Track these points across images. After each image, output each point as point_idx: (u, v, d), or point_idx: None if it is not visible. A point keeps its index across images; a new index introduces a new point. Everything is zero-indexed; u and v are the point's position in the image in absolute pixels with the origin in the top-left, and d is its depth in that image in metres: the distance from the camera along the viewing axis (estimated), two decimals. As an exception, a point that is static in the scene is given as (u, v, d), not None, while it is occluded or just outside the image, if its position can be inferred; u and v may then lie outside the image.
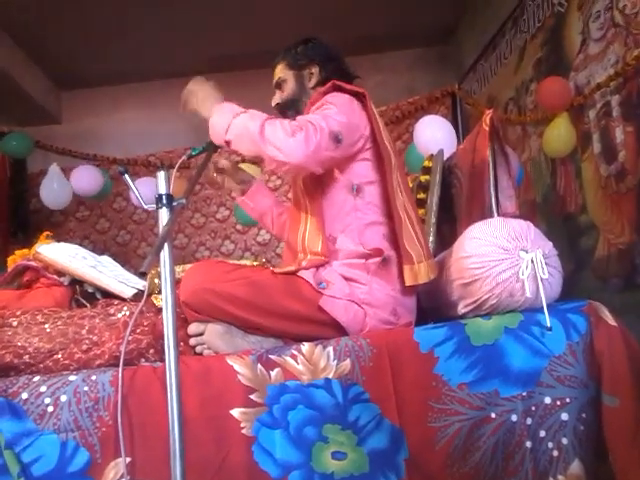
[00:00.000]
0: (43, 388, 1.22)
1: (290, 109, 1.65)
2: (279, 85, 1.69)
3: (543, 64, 2.96)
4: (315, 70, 1.65)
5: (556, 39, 2.82)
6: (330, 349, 1.27)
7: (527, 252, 1.33)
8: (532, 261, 1.32)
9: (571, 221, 2.73)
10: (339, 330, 1.40)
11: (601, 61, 2.44)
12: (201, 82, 1.53)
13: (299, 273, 1.44)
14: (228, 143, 1.42)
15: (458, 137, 3.01)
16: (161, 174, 1.16)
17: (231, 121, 1.40)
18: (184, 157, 1.57)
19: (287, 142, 1.35)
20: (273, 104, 1.70)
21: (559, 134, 2.61)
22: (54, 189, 3.47)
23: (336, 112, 1.43)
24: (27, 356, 1.32)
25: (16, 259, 1.75)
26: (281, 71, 1.69)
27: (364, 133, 1.50)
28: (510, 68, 3.36)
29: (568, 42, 2.71)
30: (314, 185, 1.50)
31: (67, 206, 4.08)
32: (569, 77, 2.67)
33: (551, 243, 1.39)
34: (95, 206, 4.18)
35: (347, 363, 1.26)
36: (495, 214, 1.81)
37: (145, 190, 1.30)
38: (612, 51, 2.36)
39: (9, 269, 1.73)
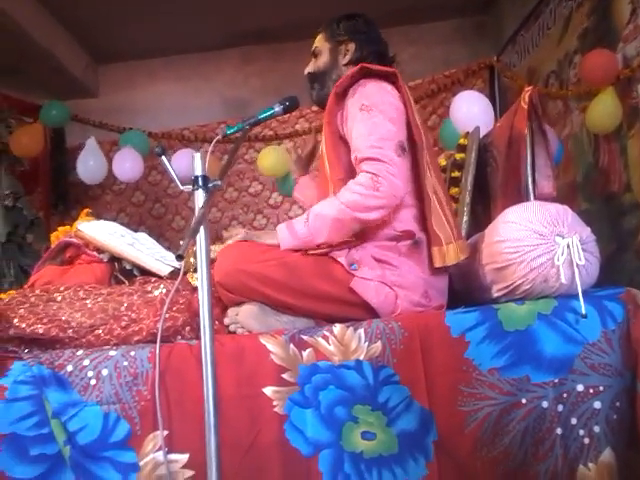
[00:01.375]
0: (86, 362, 1.28)
1: (317, 81, 1.65)
2: (315, 54, 1.69)
3: (589, 35, 2.83)
4: (351, 47, 1.63)
5: (604, 8, 2.68)
6: (361, 331, 1.29)
7: (563, 237, 1.31)
8: (568, 246, 1.30)
9: (614, 200, 2.64)
10: (370, 312, 1.41)
11: (652, 31, 2.32)
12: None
13: (331, 254, 1.45)
14: (323, 244, 1.45)
15: (495, 111, 2.93)
16: (197, 155, 1.18)
17: (307, 230, 1.43)
18: (219, 137, 1.58)
19: (378, 197, 1.38)
20: (305, 72, 1.70)
21: (604, 109, 2.50)
22: (90, 165, 3.53)
23: (382, 120, 1.43)
24: (71, 330, 1.37)
25: (59, 235, 1.81)
26: (319, 41, 1.68)
27: (405, 118, 1.49)
28: (553, 39, 3.22)
29: (617, 11, 2.58)
30: (345, 169, 1.50)
31: (104, 179, 4.18)
32: (617, 48, 2.55)
33: (589, 228, 1.36)
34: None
35: (378, 345, 1.27)
36: (531, 194, 1.77)
37: (180, 164, 1.32)
38: (663, 21, 2.24)
39: (52, 245, 1.80)
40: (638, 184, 2.46)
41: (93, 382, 1.26)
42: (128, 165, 3.53)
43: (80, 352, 1.30)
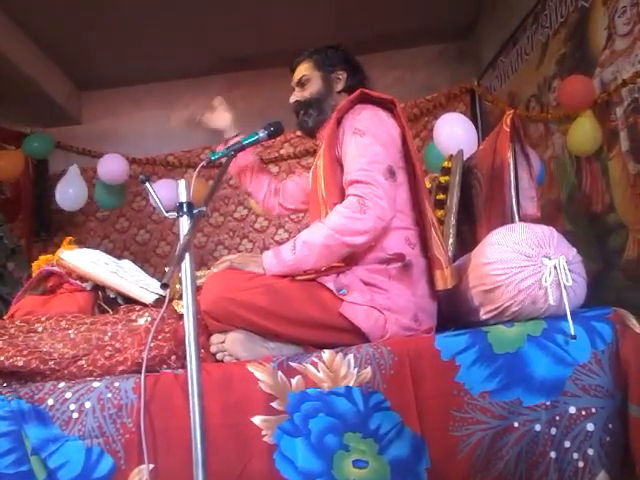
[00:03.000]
0: (68, 394, 1.24)
1: (311, 108, 1.66)
2: (302, 83, 1.69)
3: (567, 60, 2.91)
4: (343, 76, 1.67)
5: (580, 35, 2.76)
6: (351, 357, 1.27)
7: (550, 259, 1.31)
8: (555, 268, 1.30)
9: (598, 220, 2.68)
10: (360, 336, 1.40)
11: (628, 57, 2.38)
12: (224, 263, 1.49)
13: (319, 279, 1.44)
14: (310, 270, 1.45)
15: (478, 135, 2.97)
16: (181, 182, 1.17)
17: (294, 258, 1.41)
18: (203, 163, 1.58)
19: (364, 220, 1.38)
20: (291, 101, 1.70)
21: (584, 132, 2.56)
22: (69, 193, 3.50)
23: (372, 143, 1.44)
24: (52, 362, 1.34)
25: (40, 264, 1.78)
26: (306, 70, 1.68)
27: (399, 146, 1.51)
28: (532, 64, 3.30)
29: (593, 38, 2.65)
30: (341, 193, 1.50)
31: (87, 206, 4.14)
32: (594, 73, 2.62)
33: (575, 249, 1.36)
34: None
35: (368, 371, 1.25)
36: (516, 216, 1.79)
37: (164, 193, 1.31)
38: (639, 47, 2.31)
39: (34, 275, 1.76)
40: (621, 204, 2.51)
41: (75, 415, 1.22)
42: (114, 168, 3.49)
43: (62, 384, 1.26)
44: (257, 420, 1.23)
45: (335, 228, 1.39)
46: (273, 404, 1.24)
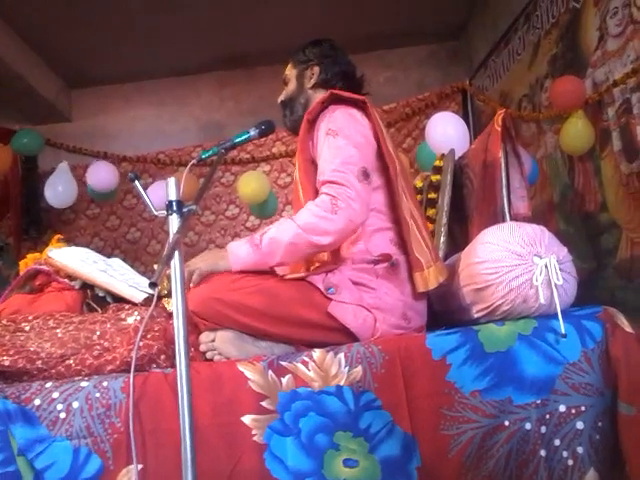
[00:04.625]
0: (55, 394, 1.23)
1: (287, 108, 1.67)
2: (285, 82, 1.72)
3: (559, 60, 2.92)
4: (316, 71, 1.66)
5: (572, 35, 2.77)
6: (341, 355, 1.27)
7: (541, 258, 1.31)
8: (546, 267, 1.30)
9: (591, 219, 2.69)
10: (350, 336, 1.39)
11: (620, 57, 2.39)
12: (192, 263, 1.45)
13: (308, 278, 1.43)
14: (276, 265, 1.43)
15: (469, 134, 2.98)
16: (171, 180, 1.16)
17: (260, 252, 1.39)
18: (194, 160, 1.57)
19: (335, 221, 1.36)
20: (278, 101, 1.72)
21: (576, 131, 2.57)
22: (59, 190, 3.47)
23: (346, 144, 1.43)
24: (40, 361, 1.32)
25: (28, 263, 1.76)
26: (288, 69, 1.72)
27: (374, 146, 1.50)
28: (523, 64, 3.31)
29: (584, 38, 2.66)
30: (312, 194, 1.49)
31: (77, 204, 4.10)
32: (586, 74, 2.63)
33: (565, 248, 1.37)
34: (105, 204, 4.19)
35: (359, 370, 1.25)
36: (507, 215, 1.79)
37: (156, 193, 1.30)
38: (631, 47, 2.31)
39: (21, 273, 1.74)
40: (614, 203, 2.52)
41: (63, 416, 1.21)
42: (102, 176, 3.47)
43: (49, 384, 1.25)
44: (247, 419, 1.22)
45: (304, 227, 1.37)
46: (263, 403, 1.23)
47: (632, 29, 2.31)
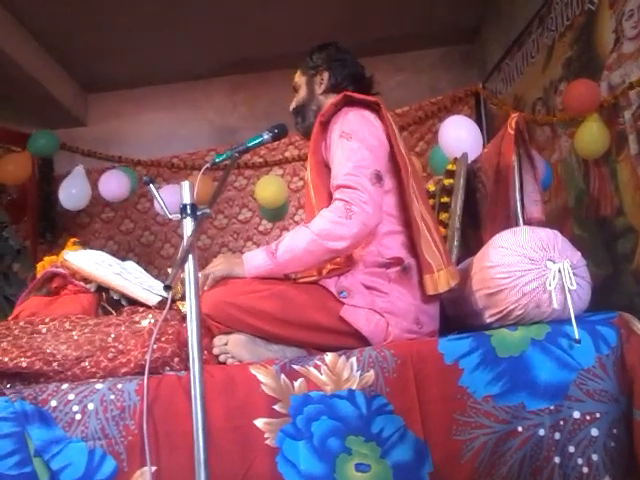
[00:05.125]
0: (71, 396, 1.24)
1: (299, 115, 1.68)
2: (295, 90, 1.72)
3: (573, 63, 2.89)
4: (325, 76, 1.66)
5: (587, 38, 2.75)
6: (354, 359, 1.27)
7: (554, 262, 1.30)
8: (559, 271, 1.29)
9: (607, 224, 2.66)
10: (362, 340, 1.39)
11: (636, 60, 2.37)
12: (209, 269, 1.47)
13: (320, 282, 1.44)
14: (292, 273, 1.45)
15: (482, 138, 2.96)
16: (185, 184, 1.17)
17: (275, 262, 1.40)
18: (207, 164, 1.58)
19: (349, 226, 1.36)
20: (290, 109, 1.72)
21: (591, 135, 2.54)
22: (72, 193, 3.49)
23: (359, 147, 1.43)
24: (56, 363, 1.34)
25: (45, 265, 1.79)
26: (297, 76, 1.72)
27: (387, 148, 1.49)
28: (537, 67, 3.29)
29: (600, 41, 2.64)
30: (325, 197, 1.50)
31: (92, 207, 4.14)
32: (602, 76, 2.61)
33: (579, 253, 1.36)
34: (120, 207, 4.23)
35: (371, 374, 1.25)
36: (520, 219, 1.78)
37: (170, 199, 1.32)
38: (649, 50, 2.30)
39: (38, 276, 1.77)
40: (631, 207, 2.49)
41: (78, 417, 1.22)
42: (114, 185, 3.49)
43: (65, 386, 1.26)
44: (259, 423, 1.22)
45: (320, 233, 1.38)
46: (276, 407, 1.23)
47: (648, 31, 2.29)
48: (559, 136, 3.08)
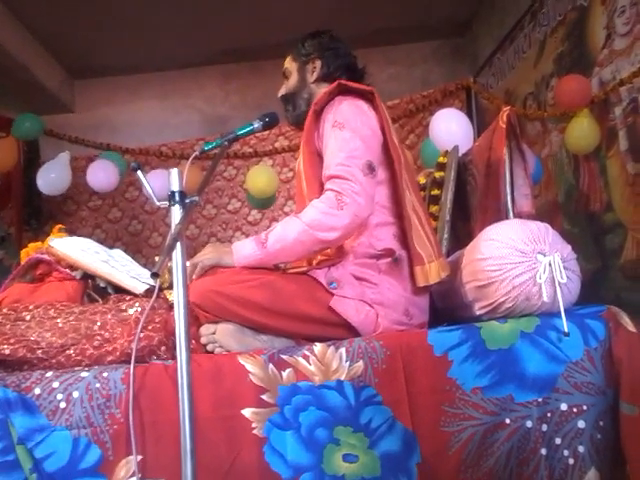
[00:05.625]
0: (56, 384, 1.22)
1: (289, 103, 1.64)
2: (285, 76, 1.68)
3: (565, 59, 2.90)
4: (318, 64, 1.63)
5: (579, 33, 2.76)
6: (343, 350, 1.26)
7: (545, 255, 1.30)
8: (550, 264, 1.29)
9: (596, 219, 2.68)
10: (351, 331, 1.39)
11: (628, 56, 2.38)
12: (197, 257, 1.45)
13: (310, 273, 1.43)
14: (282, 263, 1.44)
15: (473, 132, 2.96)
16: (174, 171, 1.15)
17: (265, 252, 1.39)
18: (196, 152, 1.56)
19: (340, 216, 1.35)
20: (278, 95, 1.69)
21: (581, 130, 2.56)
22: (50, 177, 3.40)
23: (352, 137, 1.41)
24: (40, 351, 1.32)
25: (29, 252, 1.75)
26: (288, 62, 1.68)
27: (381, 138, 1.48)
28: (529, 62, 3.30)
29: (592, 37, 2.65)
30: (316, 187, 1.48)
31: (79, 195, 4.09)
32: (593, 72, 2.62)
33: (569, 246, 1.36)
34: (107, 195, 4.18)
35: (360, 365, 1.24)
36: (510, 212, 1.78)
37: (157, 183, 1.30)
38: (639, 46, 2.30)
39: (22, 262, 1.73)
40: (620, 203, 2.51)
41: (63, 405, 1.20)
42: (102, 175, 3.43)
43: (49, 374, 1.24)
44: (247, 412, 1.22)
45: (310, 224, 1.36)
46: (263, 397, 1.22)
47: (640, 28, 2.30)
48: (550, 131, 3.09)
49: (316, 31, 1.68)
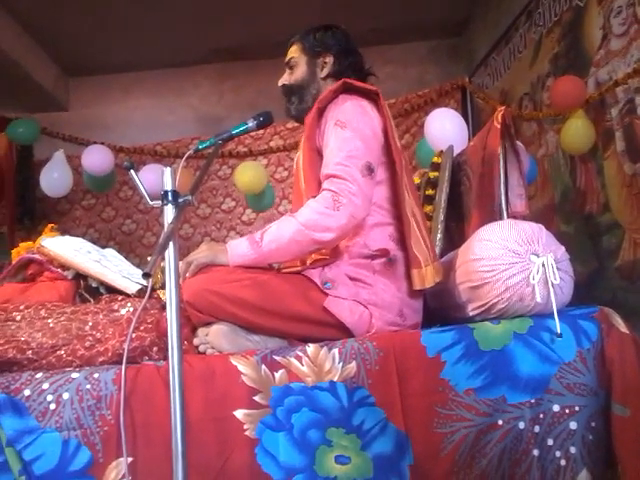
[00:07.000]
0: (45, 385, 1.21)
1: (295, 95, 1.61)
2: (290, 65, 1.63)
3: (561, 59, 2.90)
4: (329, 60, 1.60)
5: (574, 34, 2.76)
6: (335, 351, 1.26)
7: (538, 256, 1.30)
8: (543, 265, 1.29)
9: (593, 220, 2.68)
10: (345, 331, 1.38)
11: (624, 57, 2.38)
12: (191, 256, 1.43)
13: (304, 272, 1.42)
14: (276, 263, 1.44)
15: (468, 132, 2.96)
16: (167, 170, 1.14)
17: (260, 251, 1.38)
18: (190, 151, 1.55)
19: (336, 217, 1.34)
20: (280, 84, 1.64)
21: (577, 131, 2.56)
22: (54, 178, 3.41)
23: (353, 137, 1.40)
24: (30, 351, 1.30)
25: (20, 252, 1.74)
26: (295, 52, 1.62)
27: (382, 140, 1.47)
28: (525, 63, 3.30)
29: (588, 37, 2.65)
30: (315, 185, 1.47)
31: (73, 194, 4.07)
32: (589, 73, 2.62)
33: (563, 247, 1.36)
34: (101, 195, 4.17)
35: (353, 366, 1.24)
36: (504, 213, 1.78)
37: (150, 177, 1.28)
38: (635, 47, 2.30)
39: (13, 262, 1.72)
40: (617, 204, 2.51)
41: (52, 407, 1.19)
42: (97, 158, 3.40)
43: (39, 375, 1.23)
44: (239, 414, 1.21)
45: (306, 224, 1.35)
46: (256, 398, 1.22)
47: (636, 29, 2.30)
48: (545, 132, 3.09)
49: (329, 25, 1.64)
